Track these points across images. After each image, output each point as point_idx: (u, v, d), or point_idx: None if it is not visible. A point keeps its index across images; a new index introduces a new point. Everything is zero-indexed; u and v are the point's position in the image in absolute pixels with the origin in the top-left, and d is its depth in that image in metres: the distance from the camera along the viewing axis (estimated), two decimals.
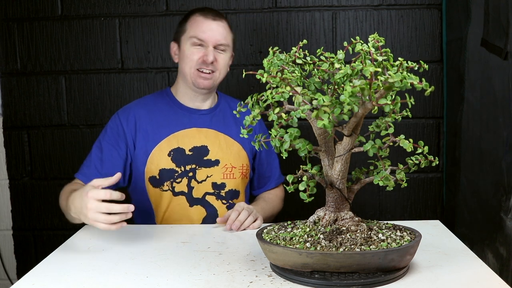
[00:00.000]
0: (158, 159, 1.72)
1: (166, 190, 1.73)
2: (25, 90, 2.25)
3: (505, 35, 1.52)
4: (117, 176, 1.37)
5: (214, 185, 1.74)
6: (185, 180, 1.72)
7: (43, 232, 2.31)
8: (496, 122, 1.62)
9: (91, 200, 1.30)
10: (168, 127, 1.75)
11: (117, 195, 1.31)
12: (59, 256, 1.32)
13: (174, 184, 1.72)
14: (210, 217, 1.73)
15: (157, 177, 1.72)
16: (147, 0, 2.20)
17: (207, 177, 1.73)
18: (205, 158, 1.74)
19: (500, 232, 1.57)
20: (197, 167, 1.73)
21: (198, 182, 1.73)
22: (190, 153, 1.73)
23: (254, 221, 1.54)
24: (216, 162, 1.74)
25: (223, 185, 1.75)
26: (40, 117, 2.26)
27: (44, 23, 2.22)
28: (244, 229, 1.51)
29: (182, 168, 1.72)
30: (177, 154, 1.72)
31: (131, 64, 2.23)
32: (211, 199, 1.74)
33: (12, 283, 1.81)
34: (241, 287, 1.08)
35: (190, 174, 1.72)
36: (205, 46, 1.69)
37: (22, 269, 2.31)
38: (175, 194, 1.73)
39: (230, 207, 1.74)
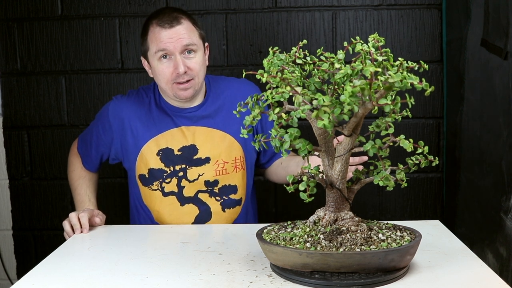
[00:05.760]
0: (148, 158, 1.70)
1: (155, 190, 1.72)
2: (25, 90, 2.25)
3: (505, 35, 1.52)
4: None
5: (207, 183, 1.72)
6: (174, 180, 1.70)
7: (43, 232, 2.31)
8: (496, 122, 1.62)
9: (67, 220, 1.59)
10: (157, 127, 1.72)
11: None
12: (59, 256, 1.33)
13: (164, 184, 1.71)
14: (203, 215, 1.72)
15: (147, 176, 1.72)
16: (147, 0, 2.20)
17: (199, 175, 1.71)
18: (194, 157, 1.71)
19: (500, 232, 1.57)
20: (187, 166, 1.70)
21: (190, 182, 1.71)
22: (179, 153, 1.71)
23: None
24: (207, 160, 1.71)
25: (216, 182, 1.72)
26: (40, 117, 2.26)
27: (44, 23, 2.22)
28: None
29: (172, 168, 1.70)
30: (165, 154, 1.70)
31: (131, 64, 2.23)
32: (204, 196, 1.72)
33: (12, 283, 1.81)
34: (241, 287, 1.08)
35: (180, 174, 1.70)
36: (172, 56, 1.63)
37: (22, 269, 2.31)
38: (165, 194, 1.72)
39: (224, 203, 1.73)
